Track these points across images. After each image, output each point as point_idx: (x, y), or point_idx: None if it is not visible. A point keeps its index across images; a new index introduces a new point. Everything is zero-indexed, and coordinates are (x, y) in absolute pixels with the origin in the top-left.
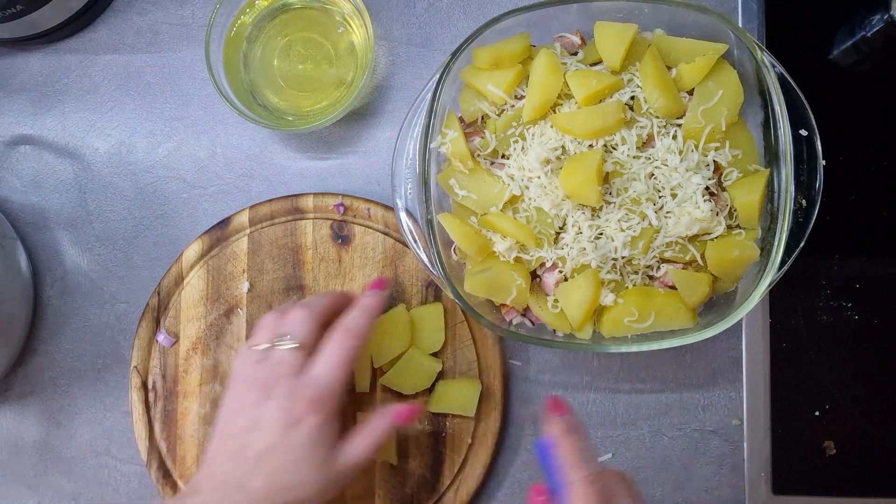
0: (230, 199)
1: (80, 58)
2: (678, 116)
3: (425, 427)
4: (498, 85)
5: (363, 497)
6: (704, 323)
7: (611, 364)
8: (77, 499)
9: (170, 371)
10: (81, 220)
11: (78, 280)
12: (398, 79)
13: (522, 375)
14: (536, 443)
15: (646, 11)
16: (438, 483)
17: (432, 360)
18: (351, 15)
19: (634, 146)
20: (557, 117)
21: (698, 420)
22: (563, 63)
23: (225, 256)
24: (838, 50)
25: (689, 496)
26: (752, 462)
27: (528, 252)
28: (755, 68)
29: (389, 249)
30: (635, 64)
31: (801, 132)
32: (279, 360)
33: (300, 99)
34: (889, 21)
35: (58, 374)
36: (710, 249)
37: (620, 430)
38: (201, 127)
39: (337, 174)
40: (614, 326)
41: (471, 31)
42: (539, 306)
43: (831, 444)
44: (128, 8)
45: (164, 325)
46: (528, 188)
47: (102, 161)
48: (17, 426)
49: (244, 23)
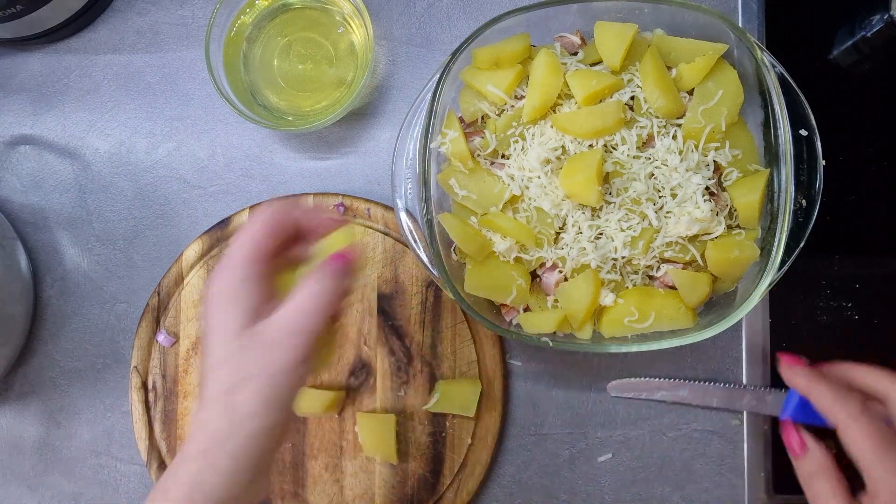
0: (230, 199)
1: (80, 58)
2: (678, 116)
3: (425, 427)
4: (498, 85)
5: (363, 497)
6: (704, 323)
7: (611, 364)
8: (77, 499)
9: (170, 371)
10: (81, 220)
11: (78, 280)
12: (398, 79)
13: (522, 375)
14: (787, 399)
15: (646, 11)
16: (438, 483)
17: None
18: (351, 15)
19: (634, 146)
20: (557, 117)
21: (698, 420)
22: (563, 63)
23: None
24: (838, 50)
25: (689, 496)
26: (752, 462)
27: (528, 252)
28: (755, 68)
29: (389, 249)
30: (635, 64)
31: (801, 132)
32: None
33: (300, 99)
34: (889, 21)
35: (58, 374)
36: (710, 249)
37: (620, 430)
38: (201, 127)
39: (337, 174)
40: (614, 326)
41: (471, 31)
42: (539, 306)
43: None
44: (128, 8)
45: (164, 325)
46: (528, 188)
47: (102, 161)
48: (17, 426)
49: (244, 23)
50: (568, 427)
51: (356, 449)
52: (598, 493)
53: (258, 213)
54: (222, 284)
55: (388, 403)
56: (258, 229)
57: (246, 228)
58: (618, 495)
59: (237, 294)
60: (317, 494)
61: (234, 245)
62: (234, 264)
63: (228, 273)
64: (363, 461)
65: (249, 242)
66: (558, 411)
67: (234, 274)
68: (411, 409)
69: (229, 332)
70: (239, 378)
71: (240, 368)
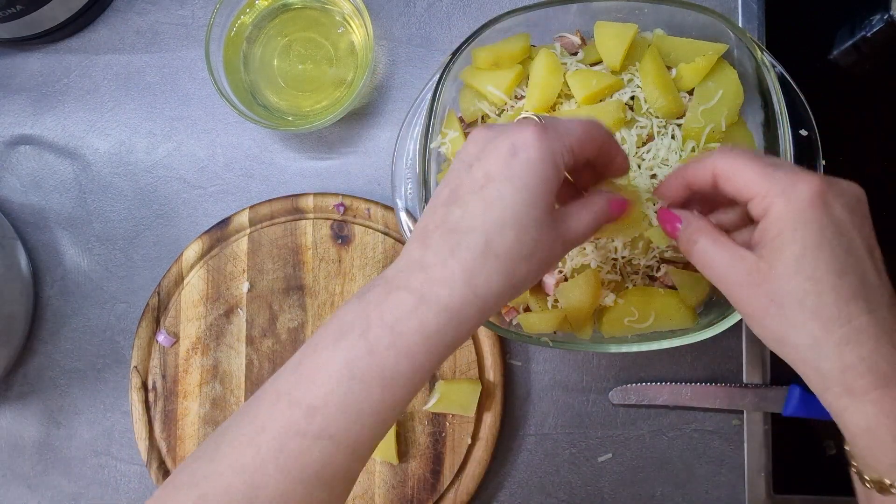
0: (230, 199)
1: (80, 58)
2: (678, 116)
3: (425, 427)
4: (498, 85)
5: (363, 497)
6: (704, 323)
7: (611, 364)
8: (77, 499)
9: (170, 371)
10: (81, 220)
11: (78, 280)
12: (398, 79)
13: (522, 375)
14: (789, 395)
15: (646, 11)
16: (438, 483)
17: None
18: (351, 15)
19: (634, 146)
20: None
21: (698, 420)
22: (563, 63)
23: (225, 256)
24: (838, 50)
25: (689, 496)
26: (752, 462)
27: None
28: (755, 68)
29: (389, 249)
30: (635, 64)
31: (801, 132)
32: (523, 121)
33: (300, 99)
34: (889, 21)
35: (58, 374)
36: None
37: (620, 430)
38: (201, 127)
39: (337, 174)
40: (614, 326)
41: (471, 31)
42: (539, 306)
43: (831, 443)
44: (128, 8)
45: (164, 325)
46: None
47: (102, 161)
48: (17, 426)
49: (244, 23)
50: (568, 427)
51: None
52: (598, 493)
53: (598, 126)
54: (547, 147)
55: None
56: (601, 135)
57: (590, 127)
58: (618, 495)
59: (556, 170)
60: None
61: (575, 128)
62: (563, 147)
63: (557, 146)
64: None
65: (584, 137)
66: (558, 411)
67: (558, 156)
68: (411, 408)
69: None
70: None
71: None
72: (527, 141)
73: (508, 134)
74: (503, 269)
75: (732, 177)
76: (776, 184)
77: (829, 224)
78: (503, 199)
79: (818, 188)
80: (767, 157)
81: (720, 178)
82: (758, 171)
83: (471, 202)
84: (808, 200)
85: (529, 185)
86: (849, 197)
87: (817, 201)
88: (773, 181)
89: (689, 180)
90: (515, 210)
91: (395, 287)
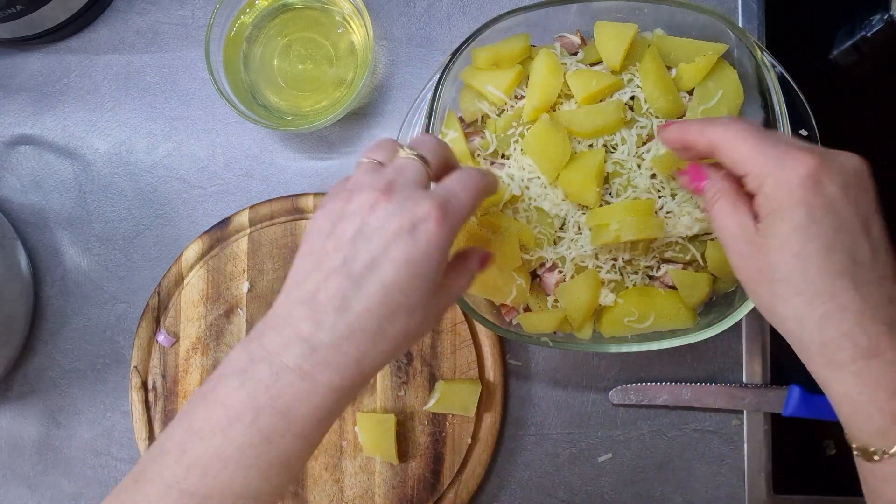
0: (230, 199)
1: (80, 58)
2: (678, 116)
3: (425, 427)
4: (498, 85)
5: (363, 497)
6: (704, 323)
7: (611, 364)
8: (77, 499)
9: (170, 371)
10: (81, 220)
11: (78, 280)
12: (398, 79)
13: (522, 375)
14: (789, 394)
15: (646, 11)
16: (438, 483)
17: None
18: (351, 15)
19: (634, 146)
20: (557, 117)
21: (698, 420)
22: (563, 63)
23: (225, 256)
24: (838, 50)
25: (689, 496)
26: (752, 462)
27: (529, 252)
28: (755, 68)
29: None
30: (635, 64)
31: (801, 132)
32: (403, 165)
33: (300, 99)
34: (889, 21)
35: (58, 374)
36: (710, 249)
37: (620, 430)
38: (201, 127)
39: (337, 174)
40: (614, 326)
41: (471, 31)
42: (539, 306)
43: (831, 443)
44: (128, 8)
45: (164, 325)
46: (528, 188)
47: (102, 161)
48: (17, 426)
49: (244, 23)
50: (568, 427)
51: (356, 449)
52: (598, 493)
53: (480, 182)
54: (438, 243)
55: (388, 403)
56: (489, 191)
57: (481, 192)
58: (618, 495)
59: (438, 271)
60: (317, 494)
61: (463, 208)
62: (458, 227)
63: (444, 242)
64: (363, 461)
65: (475, 205)
66: (558, 411)
67: (444, 251)
68: (411, 408)
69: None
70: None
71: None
72: (429, 228)
73: (407, 211)
74: (389, 350)
75: (727, 150)
76: (767, 162)
77: (819, 204)
78: (399, 285)
79: (810, 168)
80: (765, 133)
81: (717, 149)
82: (751, 148)
83: (368, 282)
84: (798, 181)
85: (426, 273)
86: (845, 172)
87: (808, 182)
88: (765, 159)
89: (688, 144)
90: (408, 296)
91: (283, 368)
